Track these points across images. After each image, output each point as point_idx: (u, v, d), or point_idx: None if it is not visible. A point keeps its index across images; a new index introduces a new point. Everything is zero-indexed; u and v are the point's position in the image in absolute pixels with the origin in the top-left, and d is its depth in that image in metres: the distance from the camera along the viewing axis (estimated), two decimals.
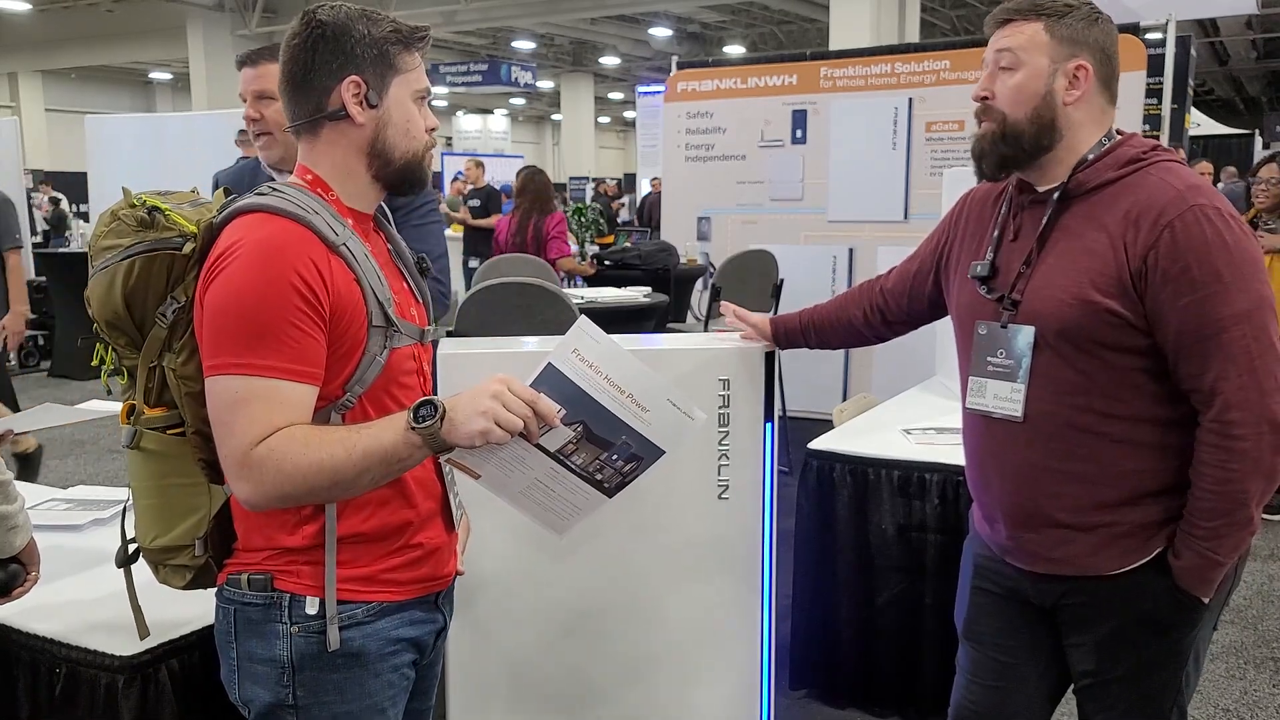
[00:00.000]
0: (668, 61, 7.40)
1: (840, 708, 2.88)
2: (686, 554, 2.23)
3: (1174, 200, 1.48)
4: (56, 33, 18.63)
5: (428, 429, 1.24)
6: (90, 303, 1.37)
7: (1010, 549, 1.69)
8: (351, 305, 1.31)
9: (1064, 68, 1.57)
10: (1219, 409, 1.47)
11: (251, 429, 1.24)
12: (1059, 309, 1.55)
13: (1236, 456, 1.46)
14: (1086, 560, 1.60)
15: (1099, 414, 1.55)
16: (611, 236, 10.19)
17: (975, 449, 1.73)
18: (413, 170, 1.43)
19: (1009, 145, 1.60)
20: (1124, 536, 1.57)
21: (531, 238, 5.92)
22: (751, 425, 2.19)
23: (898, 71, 6.11)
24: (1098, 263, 1.52)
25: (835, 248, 6.19)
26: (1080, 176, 1.58)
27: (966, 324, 1.72)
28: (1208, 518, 1.50)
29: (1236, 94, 26.51)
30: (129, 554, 1.50)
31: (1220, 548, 1.51)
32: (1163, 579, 1.56)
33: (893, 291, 1.99)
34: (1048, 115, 1.57)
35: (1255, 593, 3.87)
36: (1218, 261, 1.45)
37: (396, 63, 1.38)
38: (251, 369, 1.24)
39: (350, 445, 1.25)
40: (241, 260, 1.26)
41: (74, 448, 6.00)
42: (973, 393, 1.68)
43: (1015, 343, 1.60)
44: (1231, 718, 2.94)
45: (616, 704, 2.27)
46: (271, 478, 1.24)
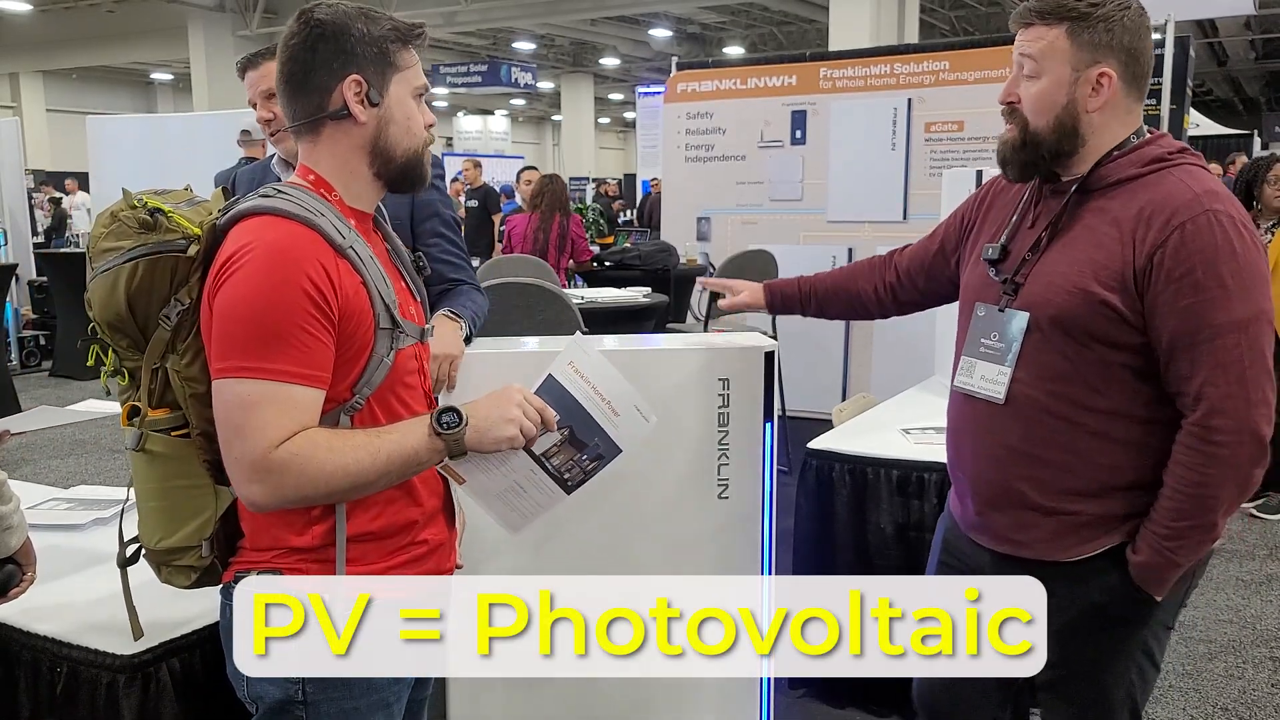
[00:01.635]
0: (667, 62, 7.41)
1: (840, 707, 2.88)
2: (686, 553, 2.23)
3: (1189, 202, 1.48)
4: (58, 33, 18.65)
5: (455, 435, 1.31)
6: (91, 304, 1.37)
7: (976, 526, 1.71)
8: (359, 308, 1.32)
9: (1086, 75, 1.54)
10: (1204, 413, 1.47)
11: (267, 432, 1.24)
12: (1057, 296, 1.55)
13: (1214, 462, 1.47)
14: (1045, 545, 1.61)
15: (1079, 404, 1.56)
16: (612, 237, 10.20)
17: (955, 426, 1.75)
18: (413, 167, 1.44)
19: (1030, 152, 1.59)
20: (1084, 526, 1.59)
21: (557, 239, 6.06)
22: (751, 425, 2.20)
23: (897, 72, 6.11)
24: (1103, 255, 1.52)
25: (835, 248, 6.19)
26: (1101, 171, 1.58)
27: (968, 305, 1.73)
28: (1174, 518, 1.50)
29: (1235, 94, 26.52)
30: (128, 555, 1.50)
31: (1181, 549, 1.51)
32: (1118, 571, 1.57)
33: (908, 271, 1.98)
34: (1070, 123, 1.56)
35: (1253, 592, 3.87)
36: (1223, 268, 1.45)
37: (396, 60, 1.39)
38: (263, 373, 1.25)
39: (374, 450, 1.29)
40: (252, 264, 1.26)
41: (75, 447, 6.01)
42: (962, 371, 1.70)
43: (1009, 327, 1.62)
44: (1231, 717, 2.95)
45: (616, 702, 2.27)
46: (293, 481, 1.25)
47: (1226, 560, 4.19)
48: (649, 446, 2.20)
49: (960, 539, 1.78)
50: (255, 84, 2.27)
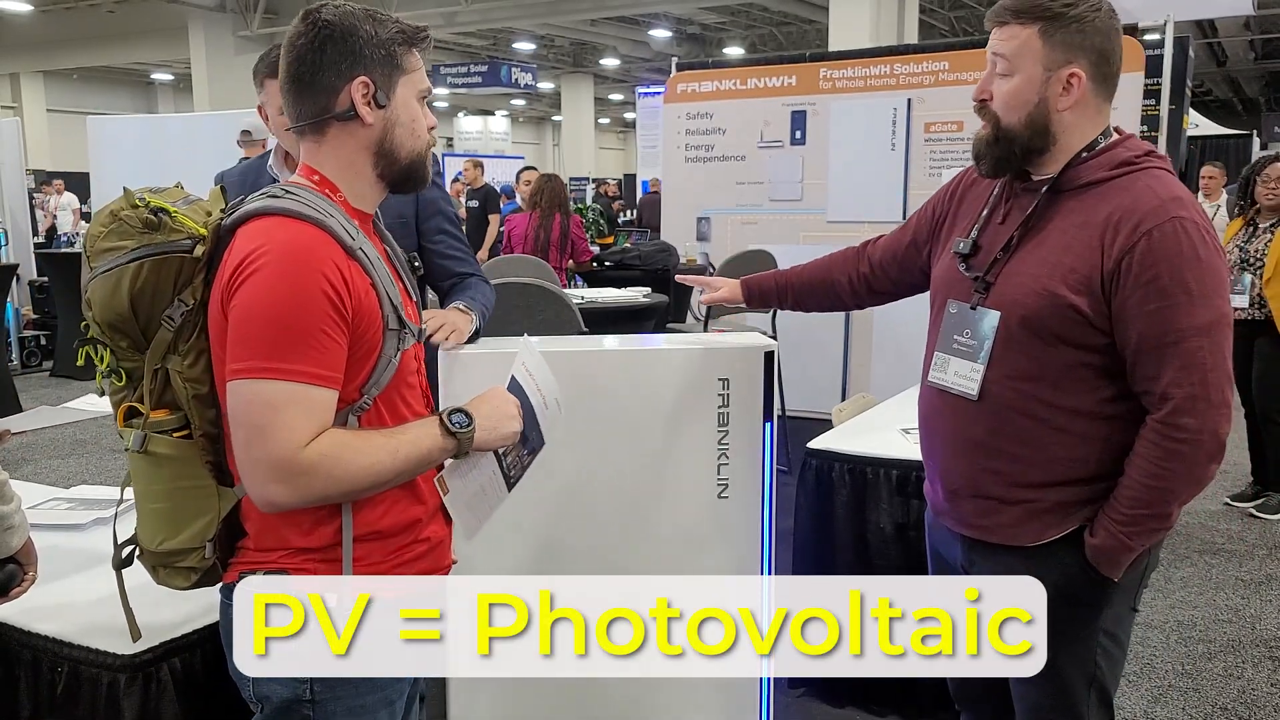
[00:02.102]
0: (667, 63, 7.42)
1: (839, 706, 2.88)
2: (686, 553, 2.23)
3: (1156, 209, 1.52)
4: (58, 33, 18.65)
5: (467, 433, 1.37)
6: (92, 305, 1.35)
7: (945, 511, 1.78)
8: (369, 309, 1.33)
9: (1057, 74, 1.58)
10: (1169, 411, 1.52)
11: (295, 433, 1.25)
12: (1026, 298, 1.60)
13: (1174, 457, 1.53)
14: (1008, 531, 1.67)
15: (1044, 402, 1.61)
16: (612, 237, 10.20)
17: (926, 417, 1.81)
18: (416, 169, 1.45)
19: (1002, 148, 1.64)
20: (1044, 512, 1.64)
21: (558, 239, 6.06)
22: (751, 425, 2.20)
23: (896, 72, 6.12)
24: (1071, 259, 1.57)
25: (834, 248, 6.13)
26: (1071, 173, 1.62)
27: (940, 298, 1.77)
28: (1131, 505, 1.56)
29: (1234, 95, 26.52)
30: (124, 557, 1.49)
31: (1135, 535, 1.58)
32: (1075, 553, 1.63)
33: (880, 263, 2.03)
34: (1041, 121, 1.60)
35: (1253, 592, 3.87)
36: (1188, 274, 1.50)
37: (403, 63, 1.39)
38: (286, 374, 1.25)
39: (393, 450, 1.32)
40: (271, 265, 1.26)
41: (75, 447, 6.01)
42: (935, 367, 1.74)
43: (981, 325, 1.66)
44: (1230, 716, 2.95)
45: (616, 702, 2.27)
46: (320, 482, 1.26)
47: (1226, 560, 4.19)
48: (649, 446, 2.22)
49: (938, 529, 1.84)
50: (274, 97, 2.24)
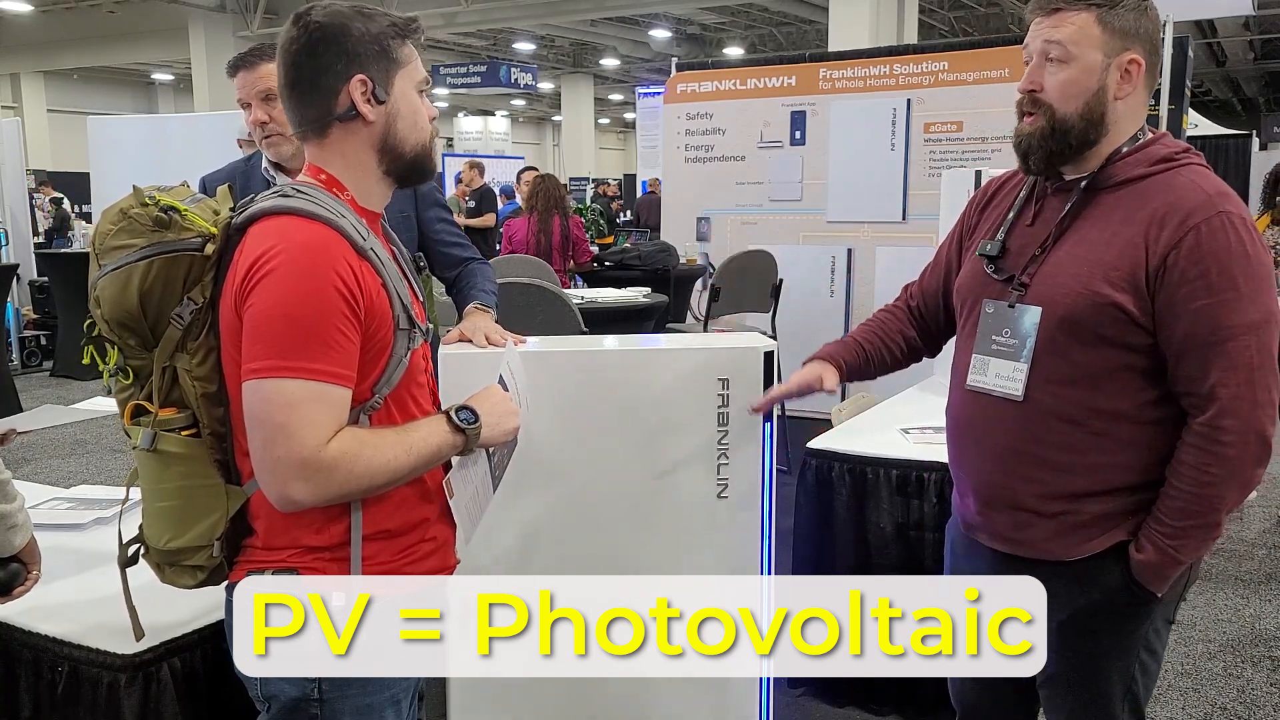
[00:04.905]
0: (667, 63, 7.42)
1: (839, 706, 2.88)
2: (686, 553, 2.23)
3: (1203, 204, 1.48)
4: (58, 34, 18.64)
5: (474, 430, 1.39)
6: (100, 302, 1.35)
7: (977, 526, 1.71)
8: (380, 308, 1.33)
9: (1117, 61, 1.53)
10: (1213, 414, 1.48)
11: (316, 431, 1.26)
12: (1066, 297, 1.54)
13: (1219, 462, 1.48)
14: (1045, 545, 1.61)
15: (1085, 406, 1.56)
16: (611, 237, 10.20)
17: (959, 425, 1.74)
18: (422, 161, 1.45)
19: (1057, 141, 1.56)
20: (1085, 525, 1.59)
21: (559, 239, 6.07)
22: (751, 425, 2.20)
23: (896, 73, 6.12)
24: (1113, 256, 1.52)
25: (834, 248, 6.20)
26: (1111, 169, 1.57)
27: (970, 302, 1.71)
28: (1178, 517, 1.51)
29: (1234, 95, 26.50)
30: (129, 555, 1.49)
31: (1184, 548, 1.52)
32: (1119, 568, 1.57)
33: (930, 310, 1.91)
34: (1098, 110, 1.54)
35: (1253, 592, 3.88)
36: (1236, 270, 1.46)
37: (397, 56, 1.40)
38: (306, 372, 1.25)
39: (408, 447, 1.33)
40: (286, 265, 1.26)
41: (76, 447, 6.01)
42: (975, 370, 1.67)
43: (1021, 322, 1.60)
44: (1229, 716, 2.95)
45: (616, 702, 2.27)
46: (340, 479, 1.27)
47: (1226, 560, 4.19)
48: (649, 446, 2.22)
49: (966, 542, 1.77)
50: (251, 85, 2.24)
